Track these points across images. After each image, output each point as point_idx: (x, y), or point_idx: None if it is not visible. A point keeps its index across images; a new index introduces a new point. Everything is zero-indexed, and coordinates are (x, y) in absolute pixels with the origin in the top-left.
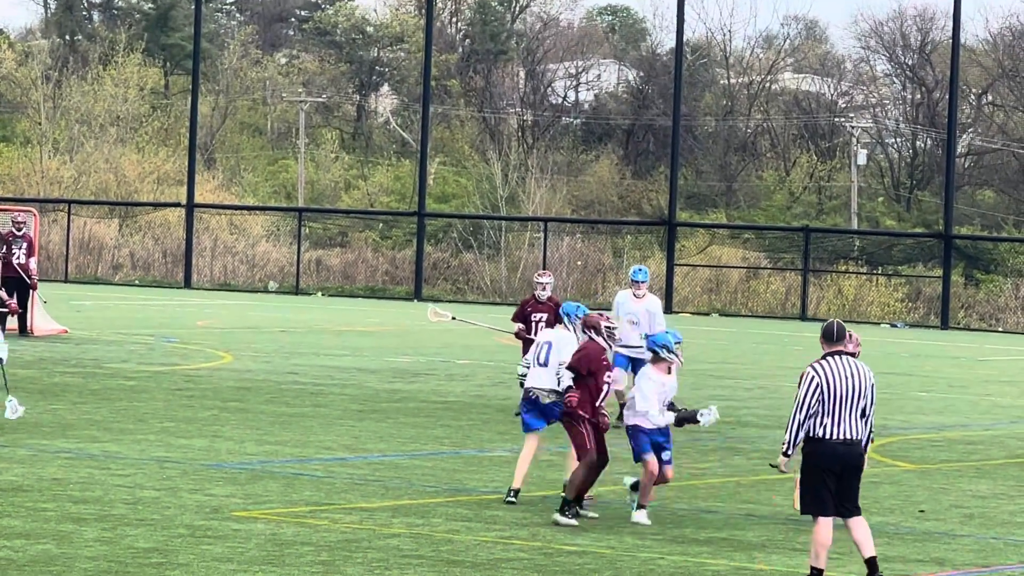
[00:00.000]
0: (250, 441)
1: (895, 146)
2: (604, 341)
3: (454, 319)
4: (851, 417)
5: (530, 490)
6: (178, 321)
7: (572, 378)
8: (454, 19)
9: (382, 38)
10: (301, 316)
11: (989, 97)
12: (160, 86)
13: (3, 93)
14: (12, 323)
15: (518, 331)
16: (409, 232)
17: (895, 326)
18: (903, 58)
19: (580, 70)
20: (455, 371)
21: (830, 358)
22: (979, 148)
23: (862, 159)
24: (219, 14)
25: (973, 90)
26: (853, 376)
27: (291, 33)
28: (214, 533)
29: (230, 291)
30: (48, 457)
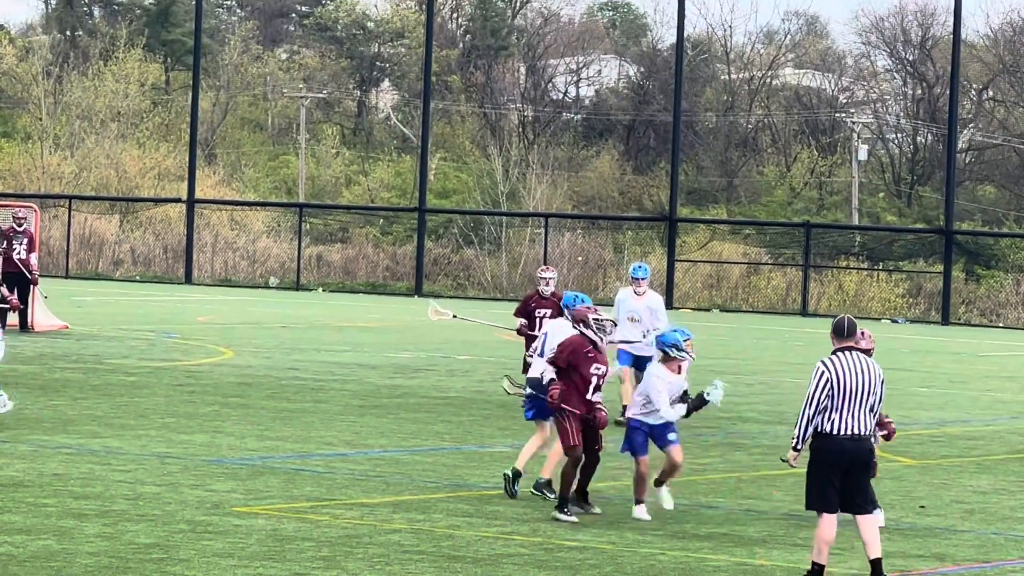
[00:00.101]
0: (251, 437)
1: (896, 142)
2: (594, 334)
3: (455, 317)
4: (860, 413)
5: (531, 487)
6: (179, 317)
7: (556, 371)
8: (455, 15)
9: (383, 34)
10: (302, 312)
11: (990, 92)
12: (161, 82)
13: (4, 89)
14: (13, 319)
15: (520, 327)
16: (410, 228)
17: (896, 322)
18: (904, 54)
19: (581, 66)
20: (456, 367)
21: (840, 353)
22: (980, 144)
23: (863, 155)
24: (220, 10)
25: (974, 86)
26: (863, 372)
27: (292, 29)
28: (215, 529)
29: (231, 287)
30: (49, 453)
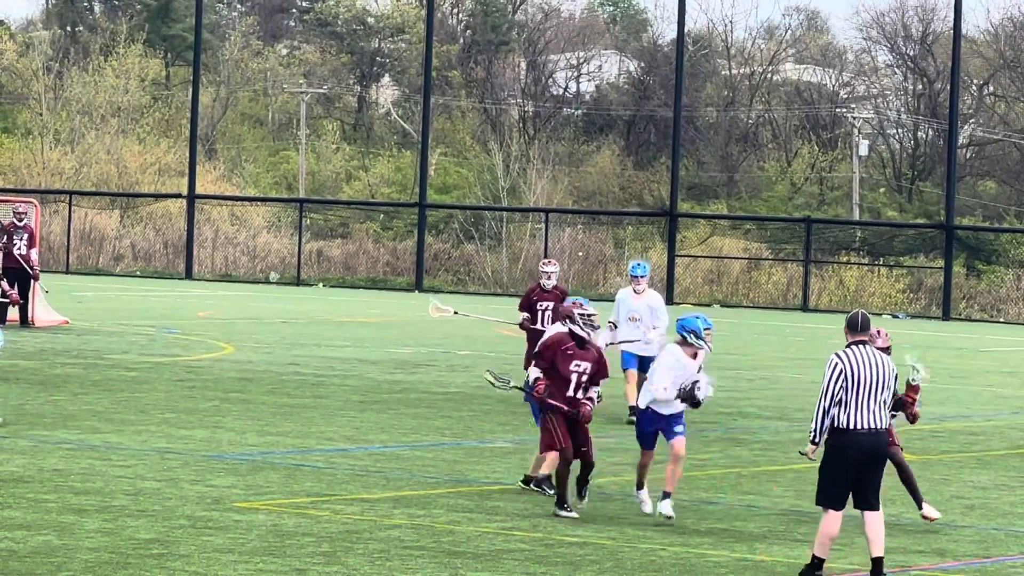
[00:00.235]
0: (251, 432)
1: (897, 137)
2: (580, 329)
3: (456, 313)
4: (876, 407)
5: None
6: (179, 312)
7: (542, 371)
8: (455, 10)
9: (383, 29)
10: (302, 307)
11: (990, 88)
12: (161, 77)
13: (4, 84)
14: (13, 314)
15: (523, 322)
16: (410, 223)
17: (896, 317)
18: (904, 49)
19: (581, 61)
20: (456, 362)
21: (854, 347)
22: (980, 139)
23: (864, 150)
24: (220, 5)
25: (974, 81)
26: (877, 366)
27: (292, 24)
28: (215, 524)
29: (231, 282)
30: (49, 448)
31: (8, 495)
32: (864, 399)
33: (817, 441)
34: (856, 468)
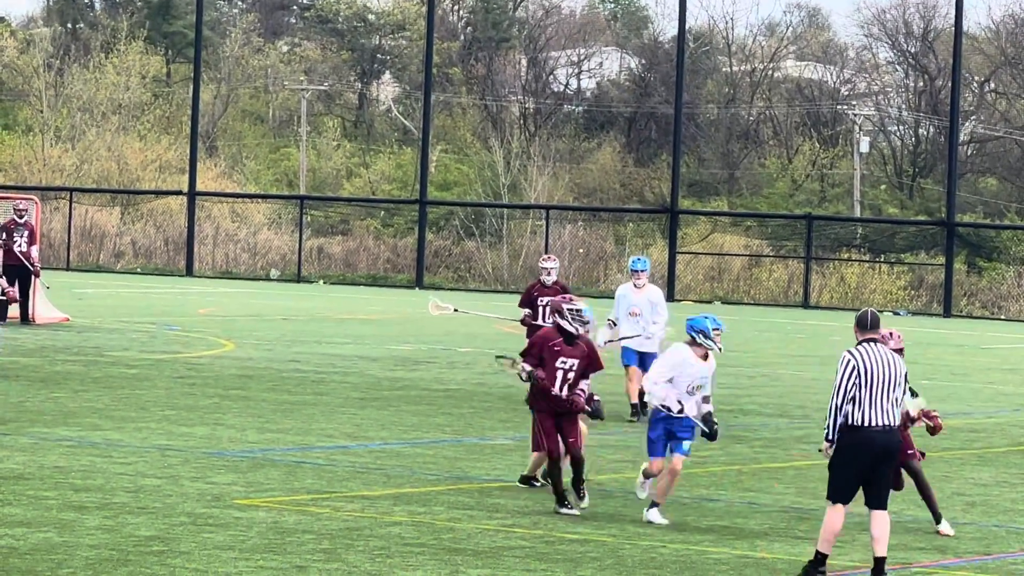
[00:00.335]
0: (252, 429)
1: (898, 134)
2: (569, 324)
3: (456, 311)
4: (888, 404)
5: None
6: (180, 309)
7: (532, 365)
8: (456, 7)
9: (384, 26)
10: (303, 304)
11: (991, 85)
12: (162, 74)
13: (5, 81)
14: (14, 311)
15: (524, 318)
16: (411, 220)
17: (897, 314)
18: (906, 46)
19: (582, 58)
20: (457, 359)
21: (866, 344)
22: (981, 136)
23: (865, 147)
24: (221, 2)
25: (975, 78)
26: (889, 363)
27: (293, 21)
28: (216, 521)
29: (232, 279)
30: (50, 445)
31: (9, 492)
32: (877, 396)
33: (832, 439)
34: (868, 465)
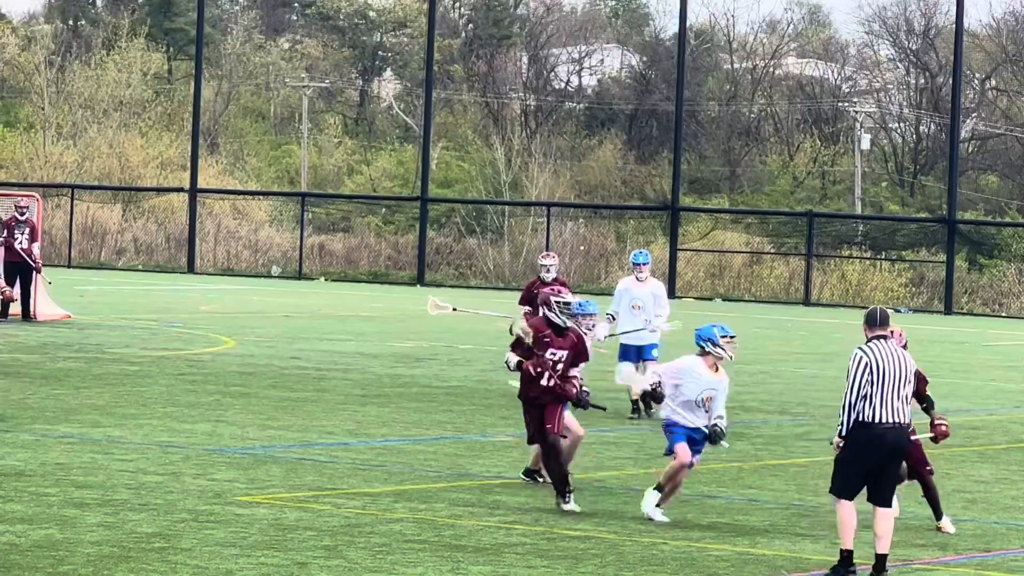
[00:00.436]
0: (253, 426)
1: (899, 131)
2: (556, 316)
3: (455, 310)
4: (898, 401)
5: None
6: (181, 306)
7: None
8: (457, 4)
9: (385, 23)
10: (304, 301)
11: (993, 82)
12: (163, 71)
13: (6, 78)
14: (15, 308)
15: (524, 316)
16: (412, 217)
17: (899, 311)
18: (907, 43)
19: (583, 55)
20: (458, 356)
21: (876, 341)
22: (982, 133)
23: (866, 144)
24: None
25: (977, 75)
26: (899, 360)
27: (294, 18)
28: (217, 518)
29: (233, 276)
30: (51, 442)
31: (10, 489)
32: (888, 393)
33: (845, 435)
34: (876, 461)
